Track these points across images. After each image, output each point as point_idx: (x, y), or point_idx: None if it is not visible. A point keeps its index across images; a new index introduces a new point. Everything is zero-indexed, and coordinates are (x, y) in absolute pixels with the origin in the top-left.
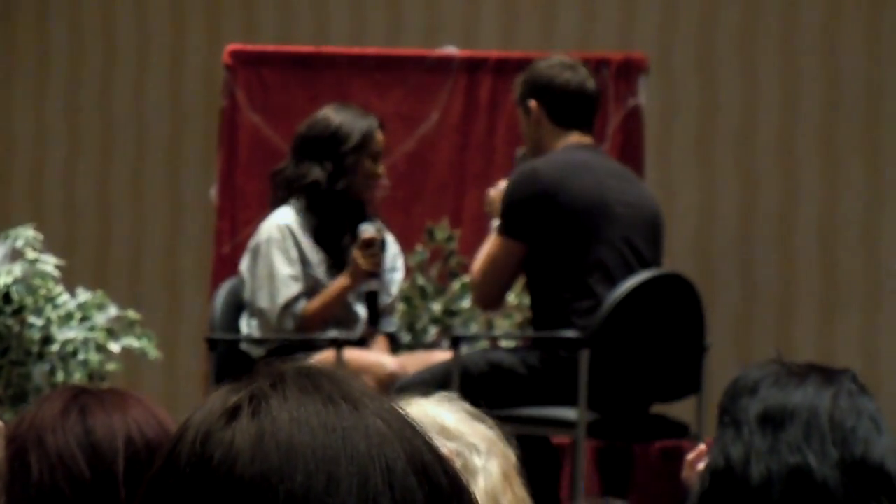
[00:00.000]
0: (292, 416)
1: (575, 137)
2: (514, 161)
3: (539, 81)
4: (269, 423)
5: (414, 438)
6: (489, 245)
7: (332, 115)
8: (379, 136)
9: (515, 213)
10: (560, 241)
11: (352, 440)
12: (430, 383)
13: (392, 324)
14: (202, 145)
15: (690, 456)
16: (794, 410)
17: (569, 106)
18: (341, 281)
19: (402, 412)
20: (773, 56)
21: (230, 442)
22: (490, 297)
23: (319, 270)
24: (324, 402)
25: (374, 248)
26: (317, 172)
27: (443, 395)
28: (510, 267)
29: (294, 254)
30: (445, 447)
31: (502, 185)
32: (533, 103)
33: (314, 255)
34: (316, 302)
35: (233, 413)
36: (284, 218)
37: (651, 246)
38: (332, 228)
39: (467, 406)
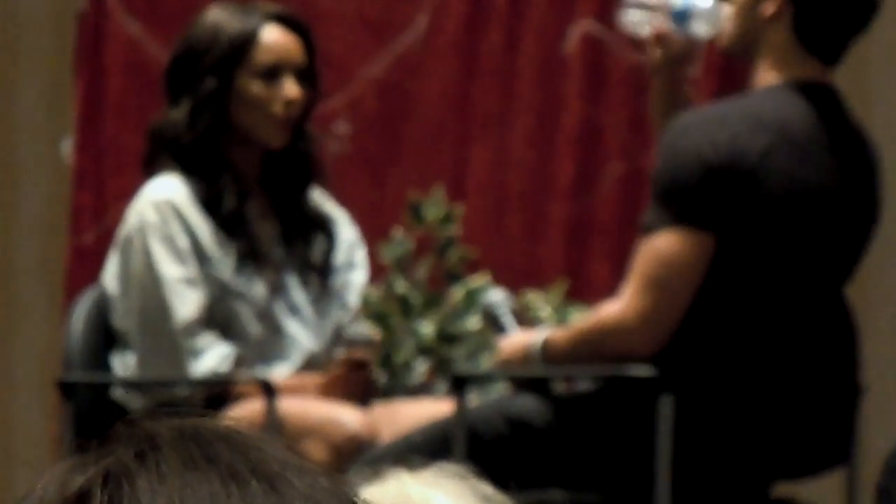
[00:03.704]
0: None
1: (808, 69)
2: None
3: None
4: None
5: None
6: (653, 246)
7: (202, 20)
8: (271, 37)
9: (700, 190)
10: (745, 241)
11: None
12: (419, 453)
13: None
14: (47, 74)
15: None
16: None
17: (834, 23)
18: (308, 381)
19: (353, 498)
20: None
21: None
22: (667, 325)
23: (224, 267)
24: (222, 479)
25: (365, 371)
26: (176, 113)
27: (444, 468)
28: (697, 272)
29: (183, 242)
30: None
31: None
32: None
33: (214, 242)
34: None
35: None
36: (164, 190)
37: (850, 252)
38: (230, 198)
39: (483, 488)
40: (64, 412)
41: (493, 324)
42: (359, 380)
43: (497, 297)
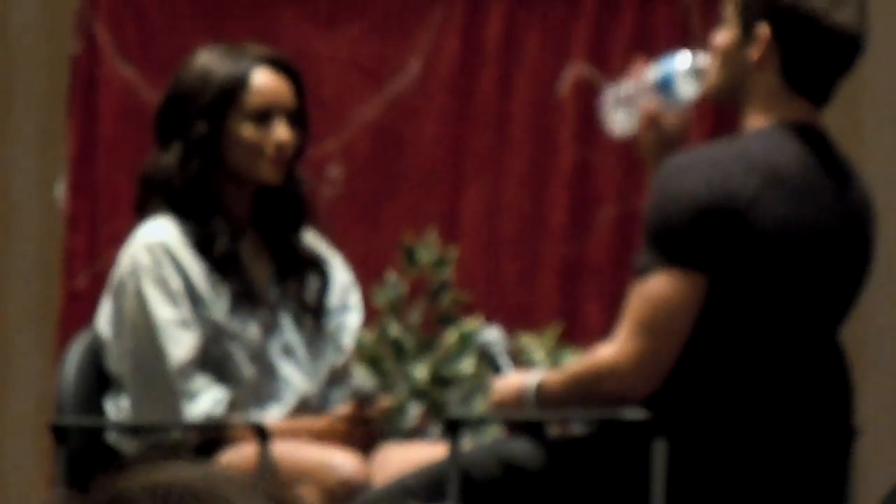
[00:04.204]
0: None
1: (797, 111)
2: (599, 103)
3: (793, 7)
4: None
5: None
6: (646, 289)
7: (192, 63)
8: (262, 80)
9: (693, 232)
10: (739, 283)
11: None
12: (413, 497)
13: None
14: (41, 117)
15: None
16: None
17: (822, 64)
18: (303, 425)
19: None
20: None
21: None
22: (661, 367)
23: (218, 308)
24: None
25: (369, 429)
26: (167, 157)
27: None
28: (690, 315)
29: (176, 284)
30: None
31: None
32: (765, 32)
33: (207, 284)
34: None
35: None
36: (156, 232)
37: (844, 295)
38: (223, 239)
39: None
40: (57, 456)
41: (489, 363)
42: (361, 437)
43: (492, 335)
